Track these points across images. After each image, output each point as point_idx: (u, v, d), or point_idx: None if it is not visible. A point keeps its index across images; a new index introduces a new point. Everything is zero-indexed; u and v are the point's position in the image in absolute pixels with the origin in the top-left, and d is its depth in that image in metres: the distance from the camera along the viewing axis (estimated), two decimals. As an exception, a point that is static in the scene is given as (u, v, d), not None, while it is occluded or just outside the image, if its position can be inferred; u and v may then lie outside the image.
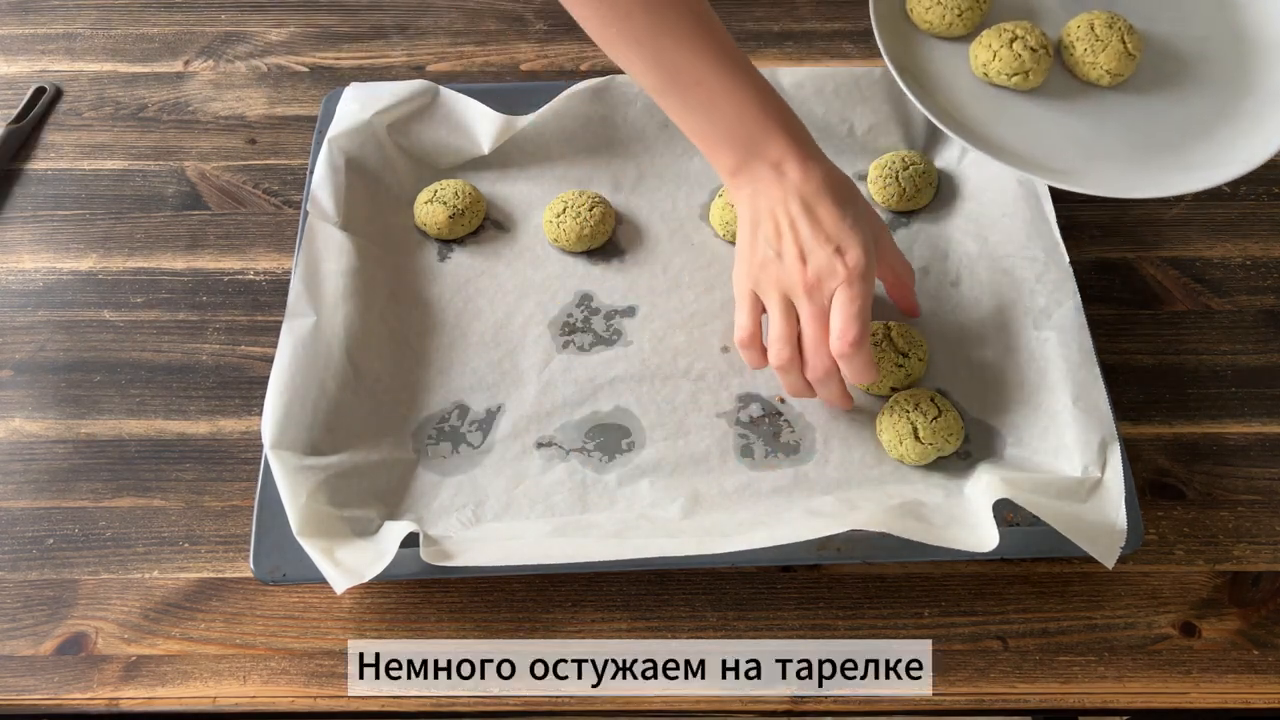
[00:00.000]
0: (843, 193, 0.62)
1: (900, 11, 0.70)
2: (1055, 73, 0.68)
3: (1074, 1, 0.70)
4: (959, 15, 0.68)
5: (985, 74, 0.67)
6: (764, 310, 0.63)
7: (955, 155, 0.76)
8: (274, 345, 0.66)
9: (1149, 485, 0.65)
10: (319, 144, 0.75)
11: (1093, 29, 0.66)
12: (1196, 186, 0.62)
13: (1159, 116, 0.66)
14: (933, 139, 0.77)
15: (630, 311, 0.71)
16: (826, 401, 0.65)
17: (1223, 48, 0.68)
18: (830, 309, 0.60)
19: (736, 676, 0.59)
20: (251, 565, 0.60)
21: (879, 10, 0.67)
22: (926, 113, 0.64)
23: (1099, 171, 0.64)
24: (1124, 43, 0.66)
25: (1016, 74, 0.66)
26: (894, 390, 0.66)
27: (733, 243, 0.74)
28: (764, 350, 0.63)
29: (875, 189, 0.75)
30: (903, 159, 0.74)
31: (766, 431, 0.66)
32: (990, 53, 0.66)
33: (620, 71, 0.82)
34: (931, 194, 0.75)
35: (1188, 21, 0.69)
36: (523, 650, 0.60)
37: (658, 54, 0.62)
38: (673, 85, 0.63)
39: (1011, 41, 0.66)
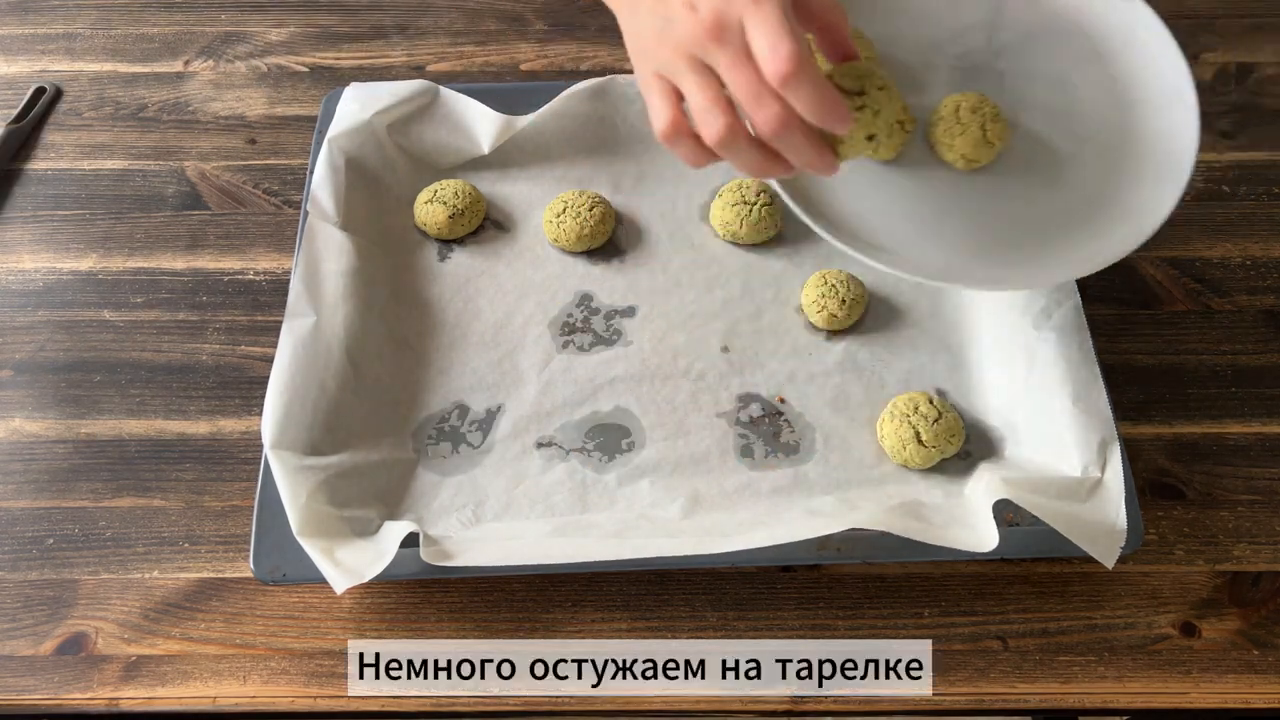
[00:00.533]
0: None
1: None
2: (917, 147, 0.66)
3: (966, 77, 0.67)
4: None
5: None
6: (681, 96, 0.52)
7: None
8: (274, 345, 0.66)
9: (1149, 485, 0.65)
10: (319, 144, 0.75)
11: (958, 110, 0.64)
12: (1013, 287, 0.62)
13: (1005, 209, 0.64)
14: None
15: (630, 311, 0.71)
16: (801, 164, 0.52)
17: (1099, 154, 0.64)
18: (748, 44, 0.48)
19: (736, 676, 0.59)
20: (251, 565, 0.60)
21: None
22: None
23: (922, 254, 0.61)
24: (984, 129, 0.63)
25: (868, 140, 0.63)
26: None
27: (733, 243, 0.74)
28: (697, 137, 0.52)
29: None
30: None
31: (766, 431, 0.66)
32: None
33: (620, 71, 0.82)
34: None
35: (1075, 119, 0.66)
36: (523, 650, 0.60)
37: None
38: None
39: (866, 107, 0.62)
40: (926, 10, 0.68)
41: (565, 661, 0.60)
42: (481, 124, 0.77)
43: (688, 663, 0.60)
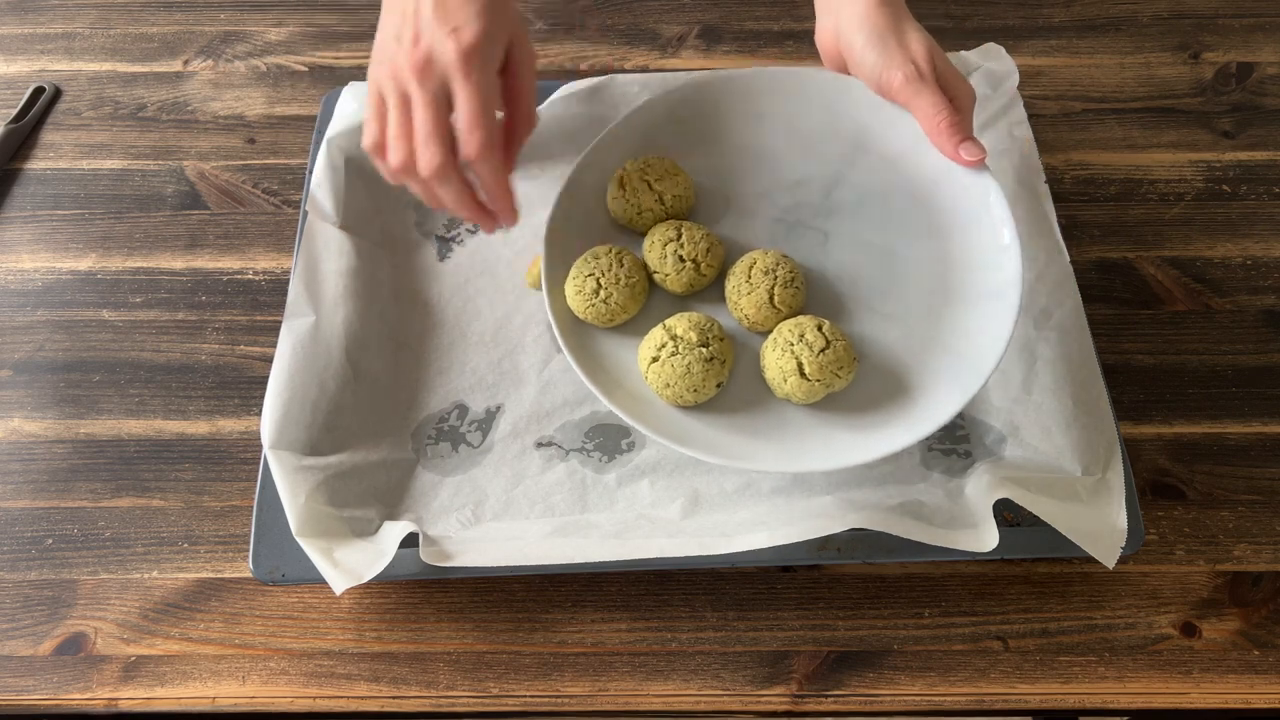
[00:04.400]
0: None
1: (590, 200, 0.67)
2: (717, 293, 0.64)
3: (788, 231, 0.66)
4: (638, 214, 0.66)
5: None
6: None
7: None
8: (273, 345, 0.66)
9: (1149, 485, 0.65)
10: (318, 143, 0.75)
11: (751, 269, 0.62)
12: (793, 469, 0.58)
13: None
14: None
15: (630, 311, 0.71)
16: (457, 210, 0.57)
17: (904, 338, 0.62)
18: (448, 97, 0.55)
19: (736, 676, 0.59)
20: (251, 565, 0.60)
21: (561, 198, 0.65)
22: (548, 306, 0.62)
23: (673, 420, 0.60)
24: (771, 294, 0.61)
25: (657, 272, 0.64)
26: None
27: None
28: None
29: None
30: None
31: (766, 431, 0.66)
32: (650, 240, 0.64)
33: (622, 71, 0.82)
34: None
35: (890, 297, 0.63)
36: (523, 650, 0.60)
37: None
38: None
39: (669, 242, 0.63)
40: (772, 156, 0.67)
41: (565, 661, 0.60)
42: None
43: (688, 663, 0.60)
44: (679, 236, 0.64)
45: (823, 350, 0.59)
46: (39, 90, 0.85)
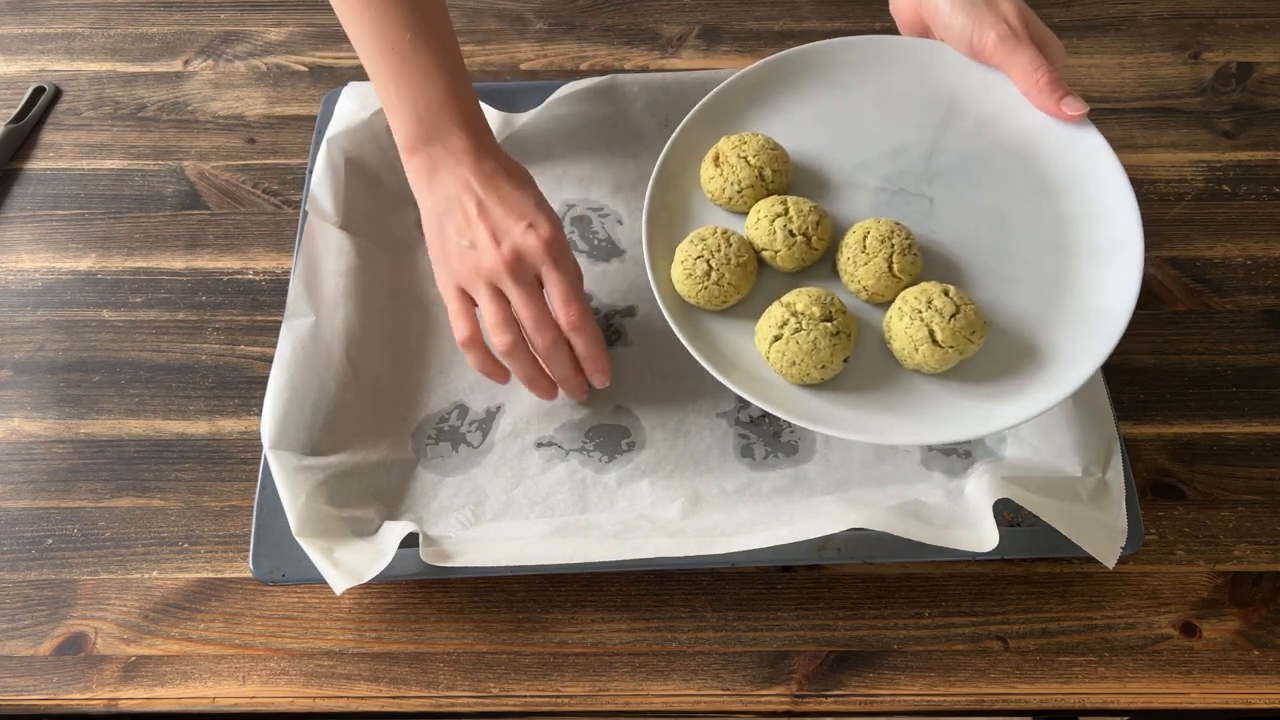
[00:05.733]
0: (521, 175, 0.64)
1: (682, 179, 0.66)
2: (827, 268, 0.62)
3: (891, 200, 0.64)
4: (738, 191, 0.63)
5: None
6: (475, 307, 0.63)
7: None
8: (273, 345, 0.66)
9: (1149, 485, 0.65)
10: (318, 143, 0.75)
11: (865, 239, 0.60)
12: (923, 440, 0.57)
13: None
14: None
15: (630, 311, 0.71)
16: (560, 380, 0.64)
17: (1027, 299, 0.60)
18: (541, 285, 0.62)
19: (736, 676, 0.59)
20: (251, 566, 0.60)
21: (658, 173, 0.64)
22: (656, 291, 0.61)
23: (798, 395, 0.58)
24: (890, 263, 0.59)
25: (766, 249, 0.61)
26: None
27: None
28: (487, 349, 0.63)
29: None
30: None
31: (766, 431, 0.66)
32: (755, 217, 0.62)
33: (622, 71, 0.82)
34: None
35: (1006, 258, 0.61)
36: (523, 650, 0.60)
37: (363, 14, 0.63)
38: (371, 44, 0.63)
39: (777, 217, 0.61)
40: (864, 126, 0.66)
41: (565, 661, 0.60)
42: (481, 123, 0.76)
43: (688, 663, 0.60)
44: (786, 211, 0.61)
45: (953, 315, 0.56)
46: (39, 90, 0.85)
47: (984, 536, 0.57)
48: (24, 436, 0.68)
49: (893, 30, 0.70)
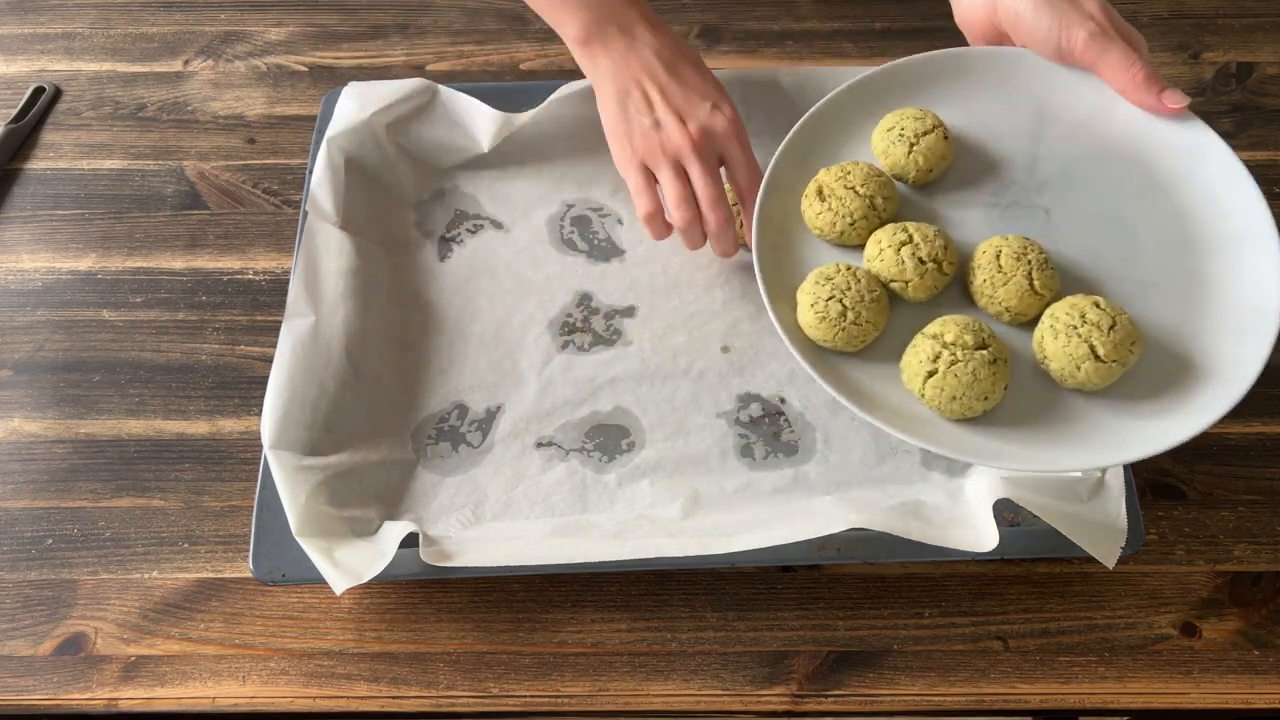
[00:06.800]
0: (696, 57, 0.68)
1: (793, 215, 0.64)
2: (956, 293, 0.60)
3: (1005, 217, 0.61)
4: (851, 224, 0.61)
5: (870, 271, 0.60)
6: (656, 181, 0.67)
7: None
8: (273, 345, 0.66)
9: (1150, 485, 0.65)
10: (318, 143, 0.75)
11: (999, 257, 0.57)
12: (1077, 468, 0.55)
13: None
14: None
15: (630, 311, 0.71)
16: (723, 249, 0.67)
17: (1165, 301, 0.57)
18: (719, 165, 0.66)
19: (736, 676, 0.59)
20: (251, 566, 0.60)
21: (762, 209, 0.62)
22: (780, 329, 0.58)
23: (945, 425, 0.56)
24: (1030, 279, 0.56)
25: (896, 280, 0.58)
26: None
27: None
28: (666, 222, 0.67)
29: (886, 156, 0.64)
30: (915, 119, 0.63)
31: (766, 431, 0.66)
32: (877, 248, 0.59)
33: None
34: (945, 166, 0.64)
35: (1135, 262, 0.59)
36: (523, 650, 0.60)
37: None
38: None
39: (902, 245, 0.58)
40: (957, 143, 0.63)
41: (565, 661, 0.60)
42: (481, 122, 0.76)
43: (688, 663, 0.60)
44: (911, 238, 0.58)
45: (1111, 328, 0.54)
46: (39, 90, 0.85)
47: (984, 536, 0.57)
48: (24, 436, 0.68)
49: (893, 31, 0.70)
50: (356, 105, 0.76)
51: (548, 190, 0.77)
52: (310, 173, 0.73)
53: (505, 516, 0.63)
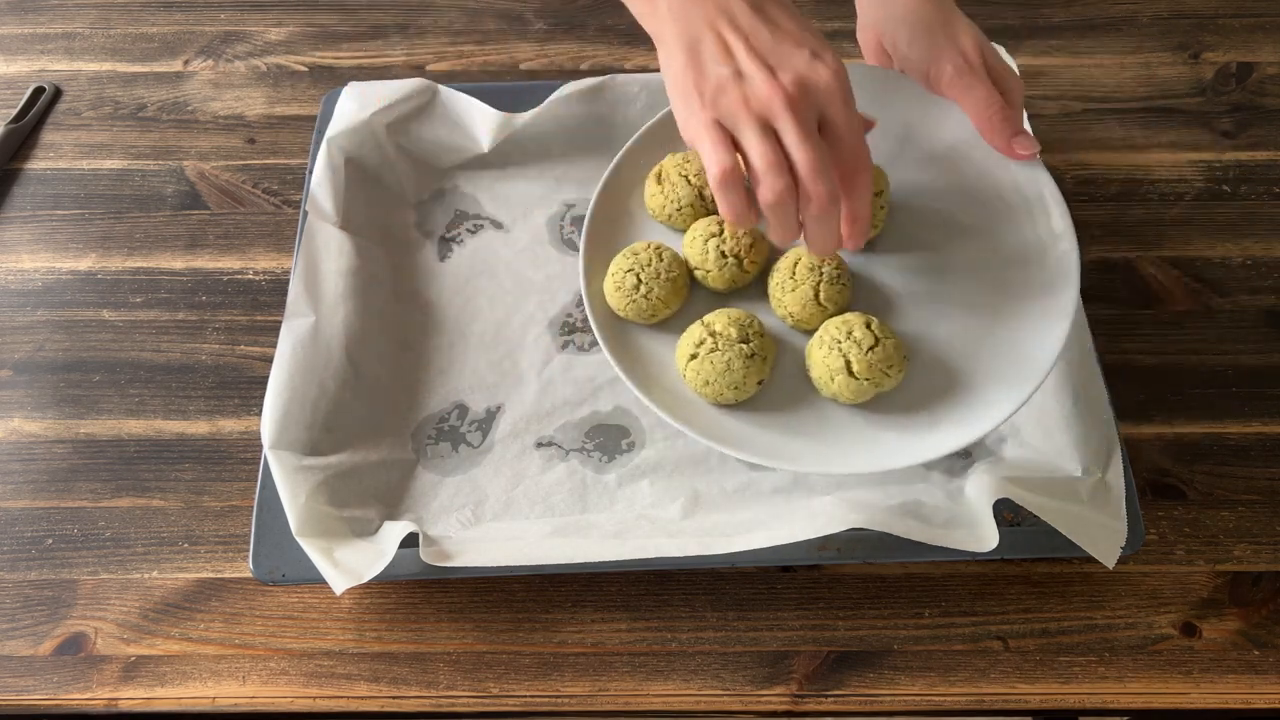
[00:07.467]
0: None
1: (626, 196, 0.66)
2: (759, 291, 0.62)
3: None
4: (678, 210, 0.64)
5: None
6: (737, 147, 0.52)
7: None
8: (273, 345, 0.66)
9: (1149, 485, 0.65)
10: (318, 143, 0.75)
11: (795, 265, 0.60)
12: (843, 470, 0.57)
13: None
14: None
15: (630, 311, 0.71)
16: (824, 241, 0.53)
17: (953, 339, 0.59)
18: (821, 128, 0.51)
19: (736, 676, 0.59)
20: (251, 566, 0.60)
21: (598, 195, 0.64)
22: (586, 302, 0.61)
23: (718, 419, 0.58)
24: (817, 291, 0.59)
25: (699, 268, 0.62)
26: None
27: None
28: (747, 191, 0.52)
29: None
30: None
31: (766, 431, 0.66)
32: (692, 235, 0.62)
33: (622, 71, 0.82)
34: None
35: (939, 300, 0.61)
36: (523, 650, 0.60)
37: None
38: None
39: (711, 237, 0.62)
40: None
41: (565, 661, 0.60)
42: (481, 122, 0.76)
43: (688, 663, 0.60)
44: (721, 232, 0.62)
45: (871, 348, 0.57)
46: (39, 90, 0.85)
47: (984, 536, 0.57)
48: (24, 436, 0.68)
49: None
50: (356, 105, 0.76)
51: (548, 190, 0.77)
52: (310, 173, 0.73)
53: (505, 516, 0.63)
